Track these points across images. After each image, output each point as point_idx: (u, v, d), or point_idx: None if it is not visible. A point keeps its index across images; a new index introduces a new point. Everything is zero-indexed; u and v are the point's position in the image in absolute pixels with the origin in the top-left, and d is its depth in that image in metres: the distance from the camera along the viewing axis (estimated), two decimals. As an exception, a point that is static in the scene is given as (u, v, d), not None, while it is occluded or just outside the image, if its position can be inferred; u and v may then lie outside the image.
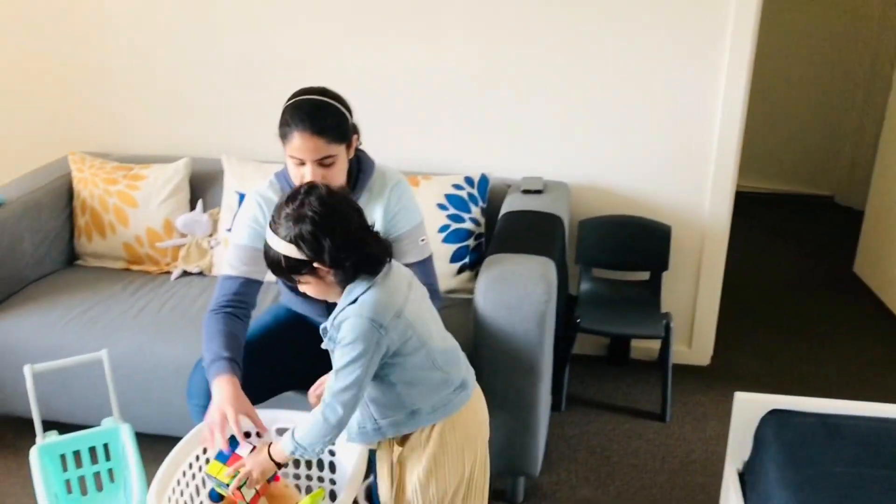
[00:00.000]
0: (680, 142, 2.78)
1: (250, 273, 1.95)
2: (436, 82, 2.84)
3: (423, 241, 2.02)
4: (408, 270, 1.71)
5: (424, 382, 1.63)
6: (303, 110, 1.80)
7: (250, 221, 1.95)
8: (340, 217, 1.55)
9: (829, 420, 1.69)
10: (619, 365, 3.07)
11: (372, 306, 1.54)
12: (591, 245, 2.87)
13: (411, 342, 1.59)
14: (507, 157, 2.90)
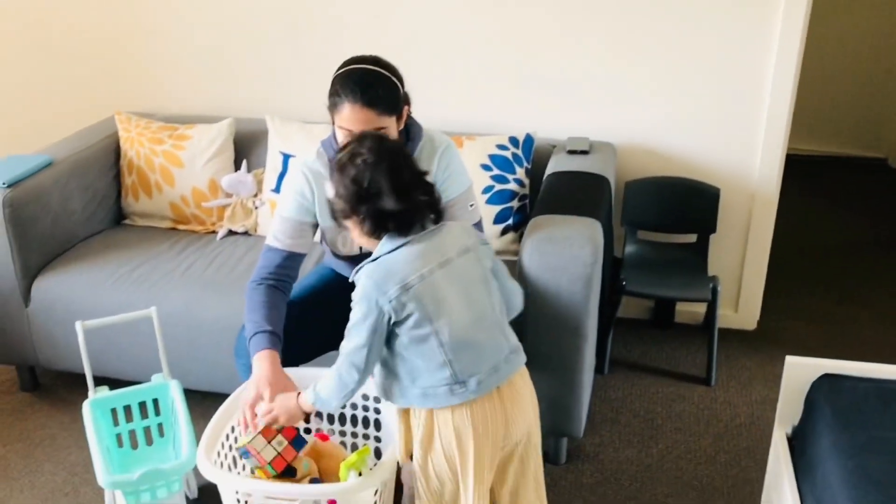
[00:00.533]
0: (730, 102, 2.71)
1: (294, 246, 1.94)
2: (480, 41, 2.80)
3: (472, 206, 2.01)
4: (470, 239, 1.62)
5: (420, 361, 1.54)
6: (353, 81, 1.77)
7: (296, 194, 1.94)
8: (376, 170, 1.52)
9: (884, 385, 1.65)
10: (663, 328, 3.04)
11: (379, 270, 1.51)
12: (637, 207, 2.83)
13: (413, 318, 1.51)
14: (552, 117, 2.86)
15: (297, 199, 1.93)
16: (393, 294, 1.50)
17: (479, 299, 1.59)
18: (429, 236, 1.56)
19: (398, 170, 1.55)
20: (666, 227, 2.87)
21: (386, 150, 1.57)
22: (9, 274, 2.47)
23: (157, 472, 1.81)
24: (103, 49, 3.14)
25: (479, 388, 1.55)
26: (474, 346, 1.56)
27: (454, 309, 1.54)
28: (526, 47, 2.78)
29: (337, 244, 2.02)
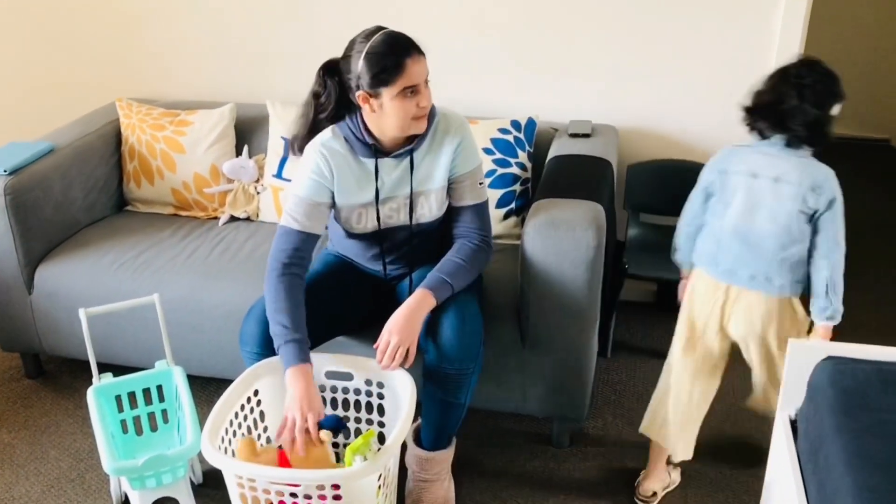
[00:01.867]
0: (732, 84, 2.70)
1: (311, 228, 1.95)
2: (481, 24, 2.79)
3: (482, 184, 2.02)
4: (806, 181, 1.86)
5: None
6: (397, 40, 1.83)
7: (312, 174, 1.94)
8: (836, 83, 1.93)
9: (886, 367, 1.64)
10: (666, 311, 3.03)
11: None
12: (639, 190, 2.82)
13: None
14: (554, 101, 2.84)
15: (313, 178, 1.94)
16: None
17: (764, 223, 1.85)
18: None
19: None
20: (668, 210, 2.84)
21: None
22: (11, 261, 2.47)
23: (161, 458, 1.82)
24: (103, 35, 3.12)
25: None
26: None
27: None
28: (528, 31, 2.76)
29: (352, 221, 2.02)
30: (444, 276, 1.90)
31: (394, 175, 1.97)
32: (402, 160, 1.96)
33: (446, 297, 1.91)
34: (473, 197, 2.00)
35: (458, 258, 1.95)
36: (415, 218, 2.01)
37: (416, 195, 1.98)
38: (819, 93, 1.85)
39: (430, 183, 1.98)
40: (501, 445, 2.35)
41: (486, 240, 2.01)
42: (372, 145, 1.93)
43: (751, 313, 1.92)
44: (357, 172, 1.96)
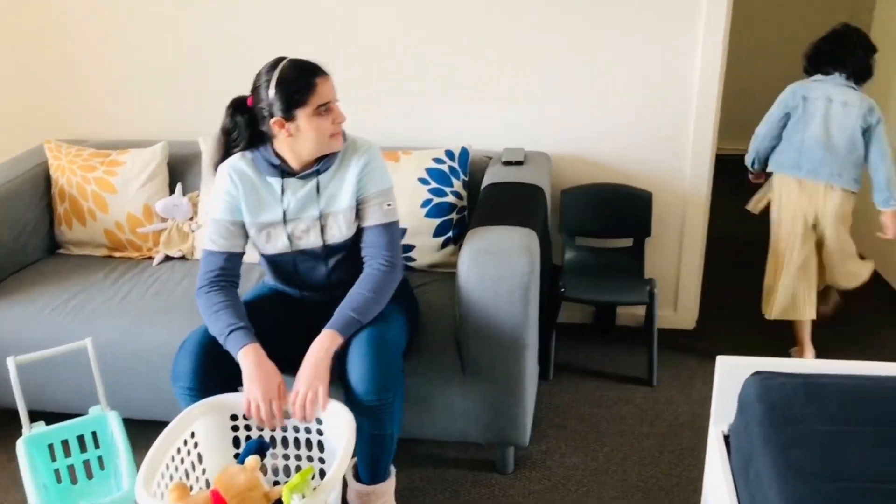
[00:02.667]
0: (659, 109, 2.78)
1: (231, 247, 2.03)
2: (413, 55, 2.82)
3: (390, 206, 2.05)
4: (864, 107, 2.57)
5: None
6: (303, 64, 1.91)
7: (224, 194, 2.02)
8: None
9: (812, 380, 1.70)
10: (606, 332, 3.09)
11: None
12: (573, 214, 2.87)
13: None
14: (487, 130, 2.89)
15: (225, 198, 2.02)
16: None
17: (837, 134, 2.59)
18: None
19: None
20: (602, 233, 2.92)
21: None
22: (-63, 311, 2.40)
23: (96, 507, 1.78)
24: (30, 76, 3.07)
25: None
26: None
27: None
28: (459, 61, 2.80)
29: (262, 241, 2.06)
30: (351, 312, 1.93)
31: (300, 195, 2.00)
32: (308, 181, 2.01)
33: (353, 331, 1.94)
34: (380, 217, 2.03)
35: (365, 290, 1.97)
36: (326, 238, 2.03)
37: (325, 216, 2.02)
38: (865, 45, 2.62)
39: (338, 204, 2.02)
40: (446, 474, 2.35)
41: (390, 261, 2.02)
42: (279, 166, 1.98)
43: (829, 201, 2.65)
44: (263, 192, 2.01)
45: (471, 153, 2.72)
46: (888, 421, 1.56)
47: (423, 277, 2.54)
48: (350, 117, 2.91)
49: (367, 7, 2.77)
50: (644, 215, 2.82)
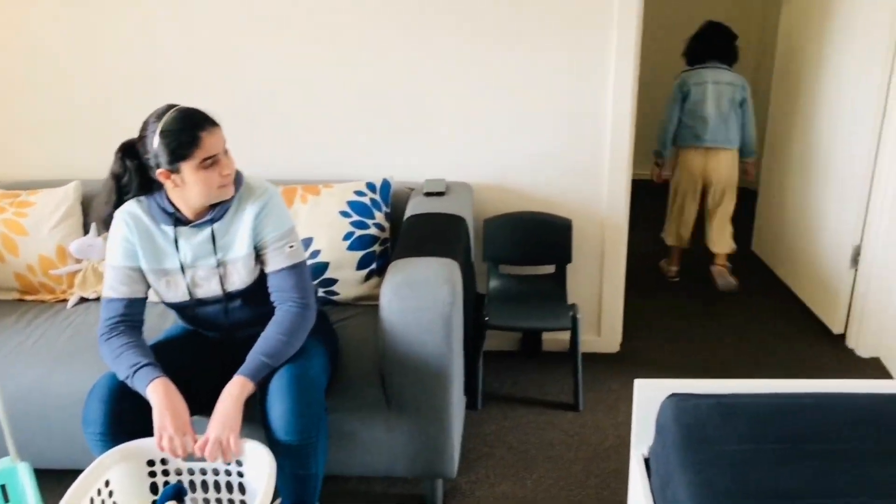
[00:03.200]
0: (575, 137, 2.84)
1: (132, 293, 1.99)
2: (331, 88, 2.83)
3: (292, 247, 2.02)
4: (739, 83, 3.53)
5: None
6: (189, 115, 1.86)
7: (121, 240, 1.98)
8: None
9: (724, 400, 1.74)
10: (532, 358, 3.12)
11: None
12: (496, 243, 2.90)
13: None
14: (409, 161, 2.91)
15: (122, 244, 1.98)
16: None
17: (725, 107, 3.51)
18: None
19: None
20: (525, 261, 2.95)
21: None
22: None
23: (5, 565, 1.70)
24: (-66, 115, 2.97)
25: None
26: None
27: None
28: (379, 93, 2.82)
29: (161, 289, 2.03)
30: (263, 356, 1.91)
31: (195, 244, 1.98)
32: (202, 229, 1.98)
33: (266, 374, 1.91)
34: (283, 261, 1.99)
35: (277, 332, 1.95)
36: (226, 286, 2.01)
37: (223, 264, 2.00)
38: (729, 35, 3.53)
39: (235, 251, 2.00)
40: (376, 510, 2.33)
41: (301, 302, 1.99)
42: (172, 214, 1.95)
43: (724, 160, 3.56)
44: (160, 239, 1.98)
45: (393, 185, 2.73)
46: (794, 438, 1.62)
47: (347, 311, 2.53)
48: (269, 152, 2.91)
49: (284, 42, 2.77)
50: (565, 242, 2.87)
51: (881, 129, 2.86)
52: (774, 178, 3.75)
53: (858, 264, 3.04)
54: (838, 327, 3.18)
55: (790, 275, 3.60)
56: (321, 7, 2.72)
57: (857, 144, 2.97)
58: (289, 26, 2.75)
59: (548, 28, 2.70)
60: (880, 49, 2.79)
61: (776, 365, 3.02)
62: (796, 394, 1.80)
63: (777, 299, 3.55)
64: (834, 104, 3.15)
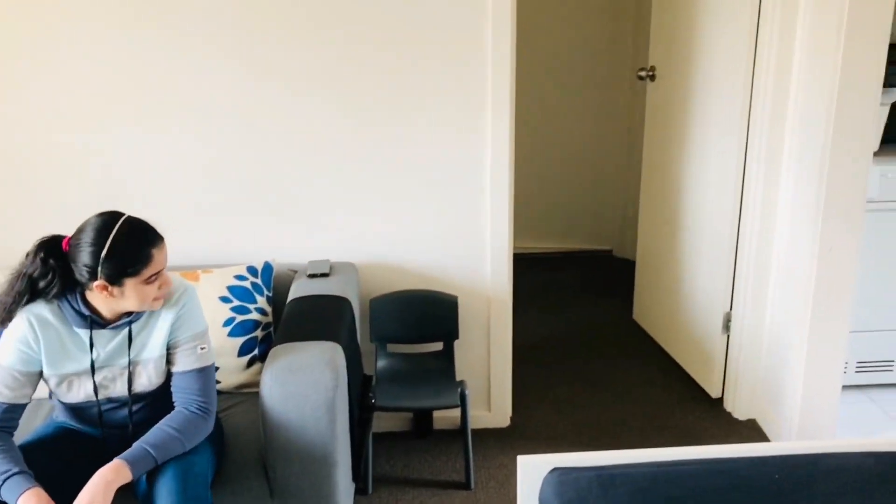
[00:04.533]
0: (457, 214, 2.90)
1: (16, 398, 1.87)
2: (210, 171, 2.80)
3: (203, 349, 1.99)
4: None
5: None
6: (140, 231, 1.85)
7: (18, 343, 1.86)
8: None
9: (605, 472, 1.77)
10: (424, 437, 3.09)
11: None
12: (383, 322, 2.90)
13: None
14: (292, 243, 2.89)
15: (19, 347, 1.86)
16: None
17: None
18: None
19: None
20: (412, 339, 2.95)
21: None
22: None
23: None
24: None
25: None
26: None
27: None
28: (259, 175, 2.81)
29: (62, 390, 1.93)
30: (148, 447, 1.84)
31: (110, 346, 1.92)
32: (120, 331, 1.93)
33: (148, 469, 1.84)
34: (192, 362, 1.96)
35: (171, 427, 1.89)
36: (133, 387, 1.95)
37: (134, 364, 1.94)
38: None
39: (148, 352, 1.96)
40: None
41: (204, 407, 1.95)
42: (88, 317, 1.88)
43: None
44: (68, 342, 1.89)
45: (275, 267, 2.70)
46: (671, 506, 1.65)
47: (229, 400, 2.46)
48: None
49: (156, 124, 2.74)
50: (451, 318, 2.89)
51: (741, 198, 3.04)
52: (649, 247, 3.91)
53: (730, 330, 3.19)
54: (716, 391, 3.31)
55: (669, 342, 3.74)
56: (192, 86, 2.71)
57: (722, 214, 3.15)
58: (158, 108, 2.72)
59: (426, 108, 2.78)
60: (736, 121, 2.99)
61: (660, 430, 3.10)
62: (674, 461, 1.85)
63: (658, 366, 3.66)
64: (699, 175, 3.34)
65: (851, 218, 2.67)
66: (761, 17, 2.84)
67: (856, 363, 3.31)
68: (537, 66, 4.91)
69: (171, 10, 2.63)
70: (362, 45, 2.71)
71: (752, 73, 2.90)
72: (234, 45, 2.68)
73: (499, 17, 2.69)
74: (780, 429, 2.97)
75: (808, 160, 2.72)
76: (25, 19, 2.61)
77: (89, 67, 2.67)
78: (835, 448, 1.93)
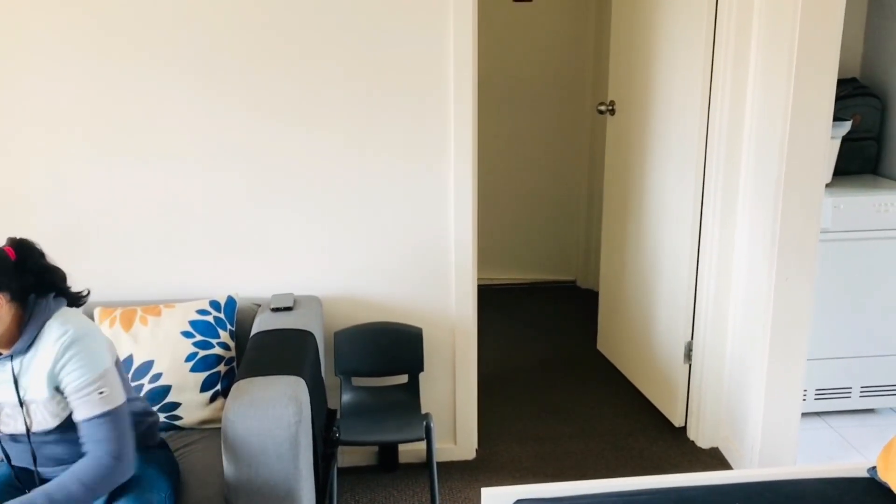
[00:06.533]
0: (421, 247, 2.91)
1: None
2: (172, 205, 2.79)
3: (102, 393, 1.85)
4: None
5: None
6: None
7: None
8: None
9: (568, 503, 1.78)
10: (390, 471, 3.07)
11: None
12: (347, 355, 2.89)
13: None
14: (255, 277, 2.88)
15: None
16: None
17: None
18: None
19: None
20: (377, 372, 2.95)
21: None
22: None
23: None
24: None
25: None
26: None
27: None
28: (220, 209, 2.80)
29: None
30: (47, 496, 1.75)
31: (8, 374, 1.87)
32: (4, 364, 1.86)
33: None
34: (92, 409, 1.85)
35: (76, 479, 1.79)
36: (31, 426, 1.88)
37: (27, 404, 1.87)
38: None
39: (35, 393, 1.87)
40: None
41: (114, 453, 1.84)
42: None
43: None
44: None
45: (238, 302, 2.69)
46: (634, 536, 1.66)
47: (191, 436, 2.43)
48: (106, 272, 2.81)
49: (117, 159, 2.73)
50: (416, 351, 2.90)
51: (700, 230, 3.10)
52: (612, 278, 3.96)
53: (692, 359, 3.23)
54: (679, 420, 3.34)
55: (632, 371, 3.77)
56: (154, 122, 2.71)
57: (681, 245, 3.21)
58: (122, 142, 2.72)
59: (389, 142, 2.80)
60: (692, 154, 3.06)
61: (624, 460, 3.11)
62: (637, 491, 1.87)
63: (622, 396, 3.69)
64: (659, 207, 3.40)
65: (806, 248, 2.74)
66: (715, 54, 2.92)
67: (815, 390, 3.37)
68: (499, 99, 4.98)
69: (134, 44, 2.64)
70: (327, 80, 2.73)
71: (707, 107, 2.98)
72: (196, 79, 2.69)
73: (460, 53, 2.73)
74: (742, 457, 3.00)
75: (762, 193, 2.79)
76: (-15, 54, 2.60)
77: (54, 100, 2.66)
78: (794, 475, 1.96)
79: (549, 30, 4.92)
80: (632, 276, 3.72)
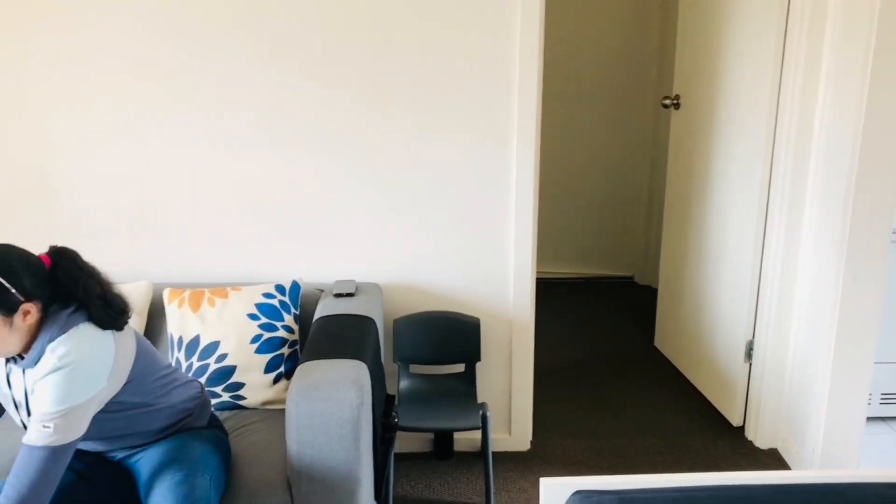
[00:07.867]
0: (481, 238, 2.93)
1: None
2: (240, 192, 2.85)
3: (47, 428, 1.72)
4: None
5: None
6: None
7: None
8: None
9: (626, 495, 1.78)
10: (445, 458, 3.11)
11: None
12: (406, 343, 2.93)
13: None
14: (318, 263, 2.93)
15: None
16: None
17: None
18: None
19: None
20: (435, 360, 2.98)
21: None
22: None
23: None
24: None
25: None
26: None
27: None
28: (288, 196, 2.86)
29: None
30: None
31: (15, 384, 1.89)
32: (25, 373, 1.86)
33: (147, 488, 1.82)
34: (28, 436, 1.73)
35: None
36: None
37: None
38: None
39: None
40: None
41: (15, 496, 1.69)
42: None
43: None
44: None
45: (302, 287, 2.74)
46: (693, 531, 1.66)
47: (255, 415, 2.49)
48: (175, 256, 2.89)
49: (189, 144, 2.80)
50: (473, 341, 2.92)
51: (765, 226, 3.05)
52: (672, 275, 3.92)
53: (752, 358, 3.19)
54: (737, 420, 3.30)
55: (690, 369, 3.73)
56: (222, 111, 2.78)
57: (744, 242, 3.16)
58: (191, 131, 2.79)
59: (452, 133, 2.82)
60: (760, 150, 3.01)
61: (680, 457, 3.09)
62: (695, 487, 1.86)
63: (679, 393, 3.66)
64: (722, 203, 3.36)
65: (876, 248, 2.68)
66: (786, 49, 2.86)
67: (880, 395, 3.30)
68: (562, 91, 4.96)
69: (208, 30, 2.71)
70: (393, 71, 2.76)
71: (776, 102, 2.93)
72: (264, 70, 2.74)
73: (526, 45, 2.74)
74: (803, 459, 2.95)
75: (832, 191, 2.74)
76: (59, 38, 2.70)
77: (122, 89, 2.74)
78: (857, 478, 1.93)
79: (613, 21, 4.88)
80: (692, 273, 3.68)
